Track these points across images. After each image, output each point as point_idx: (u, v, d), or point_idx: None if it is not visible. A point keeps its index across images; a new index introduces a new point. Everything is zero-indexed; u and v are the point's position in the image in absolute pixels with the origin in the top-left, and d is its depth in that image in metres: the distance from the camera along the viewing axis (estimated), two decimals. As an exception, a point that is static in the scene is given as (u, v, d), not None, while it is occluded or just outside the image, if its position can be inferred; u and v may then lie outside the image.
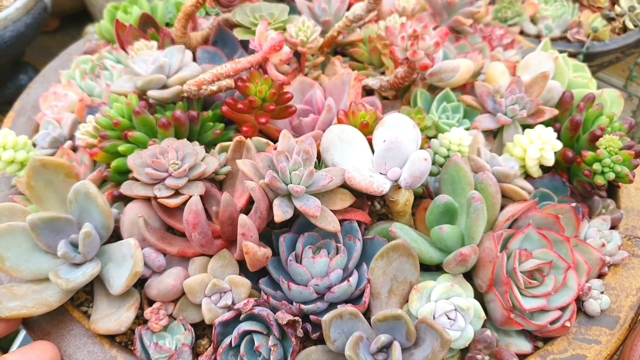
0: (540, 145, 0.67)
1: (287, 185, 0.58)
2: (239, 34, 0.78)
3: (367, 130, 0.65)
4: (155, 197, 0.60)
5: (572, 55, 1.09)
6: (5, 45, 1.02)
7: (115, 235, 0.63)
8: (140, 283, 0.61)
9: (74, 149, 0.73)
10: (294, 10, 0.89)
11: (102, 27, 0.89)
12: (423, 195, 0.71)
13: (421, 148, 0.68)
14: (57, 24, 1.52)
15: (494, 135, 0.75)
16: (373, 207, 0.70)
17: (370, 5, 0.73)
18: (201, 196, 0.61)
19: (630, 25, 1.11)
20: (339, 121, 0.67)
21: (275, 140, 0.71)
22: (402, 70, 0.72)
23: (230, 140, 0.71)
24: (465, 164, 0.63)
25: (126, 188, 0.61)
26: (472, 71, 0.77)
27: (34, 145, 0.76)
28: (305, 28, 0.75)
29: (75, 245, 0.60)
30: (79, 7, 1.47)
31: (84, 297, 0.63)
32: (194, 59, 0.83)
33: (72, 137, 0.74)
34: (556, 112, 0.73)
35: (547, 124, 0.75)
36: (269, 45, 0.65)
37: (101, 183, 0.68)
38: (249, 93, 0.65)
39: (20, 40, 1.06)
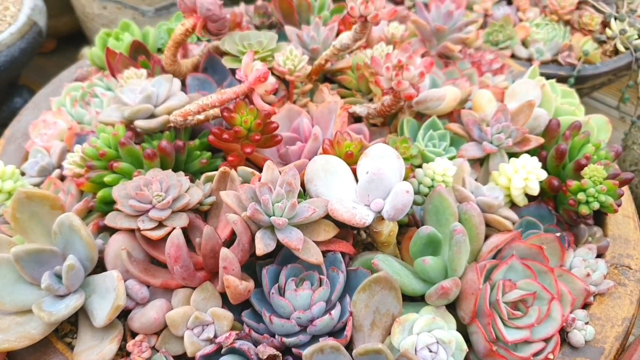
0: (525, 175, 0.67)
1: (269, 217, 0.58)
2: (227, 62, 0.78)
3: (351, 160, 0.66)
4: (139, 229, 0.60)
5: (564, 78, 1.09)
6: None
7: (101, 266, 0.64)
8: (125, 314, 0.61)
9: (62, 177, 0.73)
10: (284, 37, 0.89)
11: (93, 54, 0.90)
12: (409, 224, 0.71)
13: (406, 177, 0.68)
14: (54, 45, 1.54)
15: (481, 162, 0.75)
16: (359, 236, 0.70)
17: (356, 35, 0.74)
18: (185, 227, 0.62)
19: (621, 48, 1.11)
20: (324, 151, 0.67)
21: (262, 169, 0.71)
22: (389, 99, 0.73)
23: (217, 169, 0.71)
24: (449, 195, 0.64)
25: (110, 219, 0.62)
26: (459, 99, 0.77)
27: (23, 173, 0.76)
28: (292, 57, 0.76)
29: (60, 277, 0.60)
30: (76, 29, 1.49)
31: (69, 327, 0.63)
32: (184, 86, 0.84)
33: (60, 166, 0.75)
34: (542, 140, 0.73)
35: (533, 152, 0.75)
36: (254, 76, 0.66)
37: (88, 213, 0.68)
38: (234, 123, 0.66)
39: (14, 65, 1.07)
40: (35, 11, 1.13)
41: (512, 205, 0.72)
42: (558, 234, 0.66)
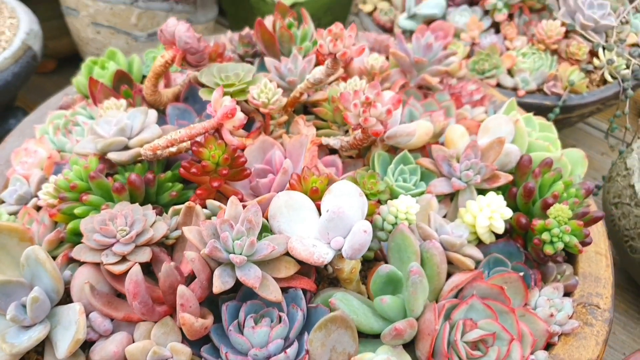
0: (489, 214, 0.67)
1: (228, 254, 0.59)
2: (203, 95, 0.80)
3: (317, 196, 0.66)
4: (103, 263, 0.61)
5: (549, 108, 1.09)
6: (-8, 95, 1.06)
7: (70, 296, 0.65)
8: (90, 345, 0.62)
9: (39, 207, 0.75)
10: (266, 67, 0.91)
11: (79, 82, 0.92)
12: (377, 258, 0.72)
13: (371, 213, 0.69)
14: (54, 65, 1.57)
15: (451, 198, 0.75)
16: (325, 270, 0.70)
17: (328, 70, 0.75)
18: (149, 261, 0.63)
19: (609, 77, 1.11)
20: (291, 186, 0.68)
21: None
22: (360, 133, 0.73)
23: (187, 200, 0.72)
24: (411, 233, 0.64)
25: (77, 252, 0.63)
26: (432, 133, 0.78)
27: (3, 201, 0.78)
28: (267, 90, 0.77)
29: (26, 307, 0.61)
30: (75, 50, 1.51)
31: (35, 357, 0.64)
32: (165, 115, 0.85)
33: (38, 195, 0.76)
34: (510, 177, 0.73)
35: (505, 188, 0.75)
36: (221, 112, 0.67)
37: (59, 244, 0.70)
38: (202, 157, 0.67)
39: (8, 89, 1.09)
40: (30, 35, 1.16)
41: (481, 241, 0.72)
42: (522, 273, 0.66)
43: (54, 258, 0.70)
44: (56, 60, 1.56)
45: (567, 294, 0.71)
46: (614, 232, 1.01)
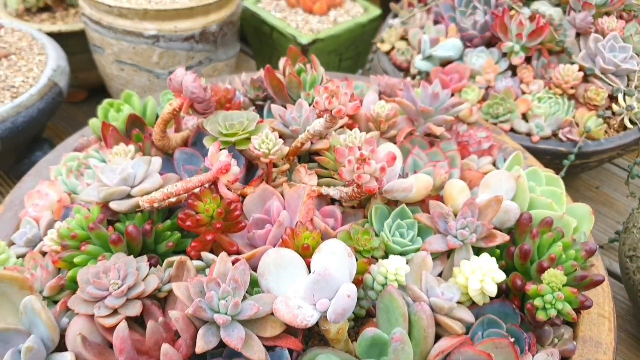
0: (481, 277, 0.66)
1: (213, 314, 0.60)
2: (207, 143, 0.81)
3: (308, 252, 0.67)
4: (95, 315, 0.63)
5: (564, 154, 1.07)
6: (17, 130, 1.10)
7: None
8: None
9: (45, 252, 0.78)
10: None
11: (94, 124, 0.95)
12: (370, 314, 0.72)
13: (363, 272, 0.69)
14: (85, 95, 1.62)
15: (448, 254, 0.75)
16: (316, 326, 0.70)
17: (327, 124, 0.76)
18: (140, 314, 0.65)
19: (628, 124, 1.09)
20: (283, 241, 0.69)
21: (229, 253, 0.74)
22: (355, 187, 0.74)
23: (186, 247, 0.74)
24: (399, 295, 0.64)
25: (72, 303, 0.65)
26: (431, 187, 0.77)
27: (13, 243, 0.81)
28: (268, 140, 0.78)
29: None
30: (105, 81, 1.56)
31: (30, 402, 0.66)
32: (173, 160, 0.87)
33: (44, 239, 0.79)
34: (506, 238, 0.72)
35: (503, 246, 0.74)
36: (216, 167, 0.68)
37: (60, 290, 0.72)
38: (197, 211, 0.69)
39: (33, 124, 1.13)
40: (57, 72, 1.20)
41: (474, 302, 0.71)
42: (513, 339, 0.65)
43: (56, 302, 0.73)
44: (87, 90, 1.62)
45: (565, 359, 0.69)
46: (629, 286, 0.98)
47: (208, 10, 1.25)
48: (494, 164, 0.93)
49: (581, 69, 1.11)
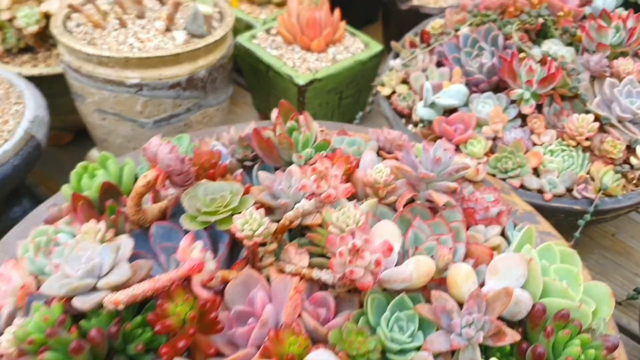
0: (489, 391, 0.58)
1: None
2: (184, 222, 0.74)
3: (293, 363, 0.59)
4: None
5: (579, 212, 0.99)
6: (-10, 189, 1.03)
7: None
8: None
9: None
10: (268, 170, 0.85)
11: (66, 192, 0.87)
12: None
13: (356, 382, 0.61)
14: (70, 138, 1.56)
15: (452, 353, 0.66)
16: None
17: (318, 204, 0.68)
18: None
19: (648, 177, 1.00)
20: (264, 349, 0.61)
21: (206, 356, 0.66)
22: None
23: (160, 345, 0.66)
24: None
25: None
26: (433, 272, 0.69)
27: (-29, 334, 0.73)
28: (252, 220, 0.71)
29: None
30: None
31: None
32: (149, 235, 0.80)
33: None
34: (517, 337, 0.63)
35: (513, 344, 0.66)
36: (188, 266, 0.60)
37: (17, 398, 0.64)
38: (167, 315, 0.61)
39: (7, 182, 1.06)
40: (34, 123, 1.13)
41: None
42: None
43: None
44: (72, 132, 1.55)
45: None
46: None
47: (196, 55, 1.17)
48: (502, 232, 0.85)
49: (596, 118, 1.03)
